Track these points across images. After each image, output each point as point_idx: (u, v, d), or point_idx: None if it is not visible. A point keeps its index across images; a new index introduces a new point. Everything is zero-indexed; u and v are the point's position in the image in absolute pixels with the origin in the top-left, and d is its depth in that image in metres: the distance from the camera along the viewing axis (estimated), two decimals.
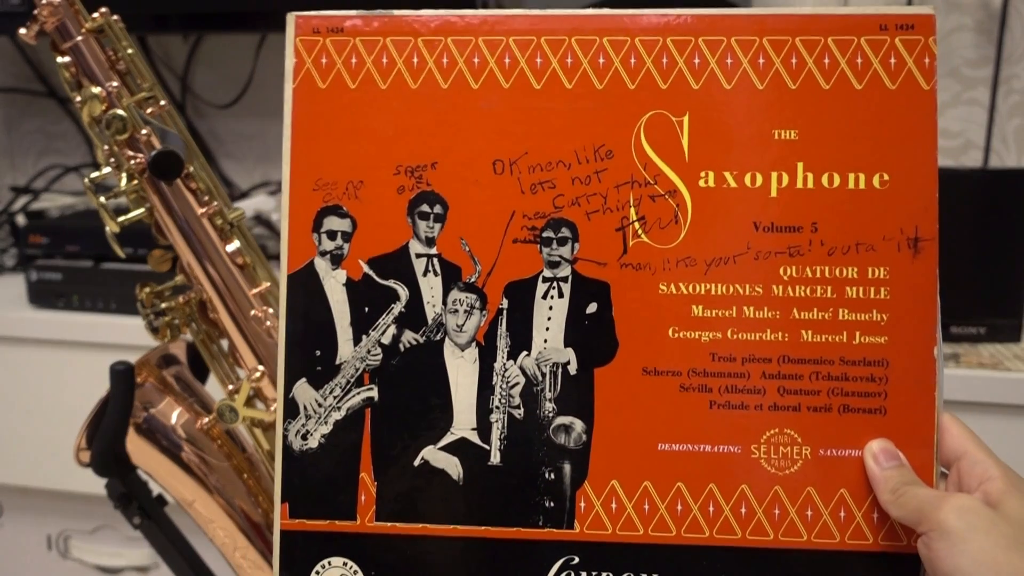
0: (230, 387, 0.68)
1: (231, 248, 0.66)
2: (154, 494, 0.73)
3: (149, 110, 0.66)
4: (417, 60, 0.51)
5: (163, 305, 0.70)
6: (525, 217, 0.51)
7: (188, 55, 1.57)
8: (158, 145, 0.65)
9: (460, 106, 0.51)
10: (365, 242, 0.52)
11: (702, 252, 0.50)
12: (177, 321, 0.71)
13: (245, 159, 1.60)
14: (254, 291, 0.66)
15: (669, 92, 0.50)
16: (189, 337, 0.72)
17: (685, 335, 0.50)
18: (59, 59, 0.66)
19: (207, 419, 0.70)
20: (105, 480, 0.72)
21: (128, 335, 1.16)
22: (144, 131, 0.65)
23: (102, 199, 0.65)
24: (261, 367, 0.66)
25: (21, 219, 1.44)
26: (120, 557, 1.32)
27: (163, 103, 0.67)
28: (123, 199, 0.66)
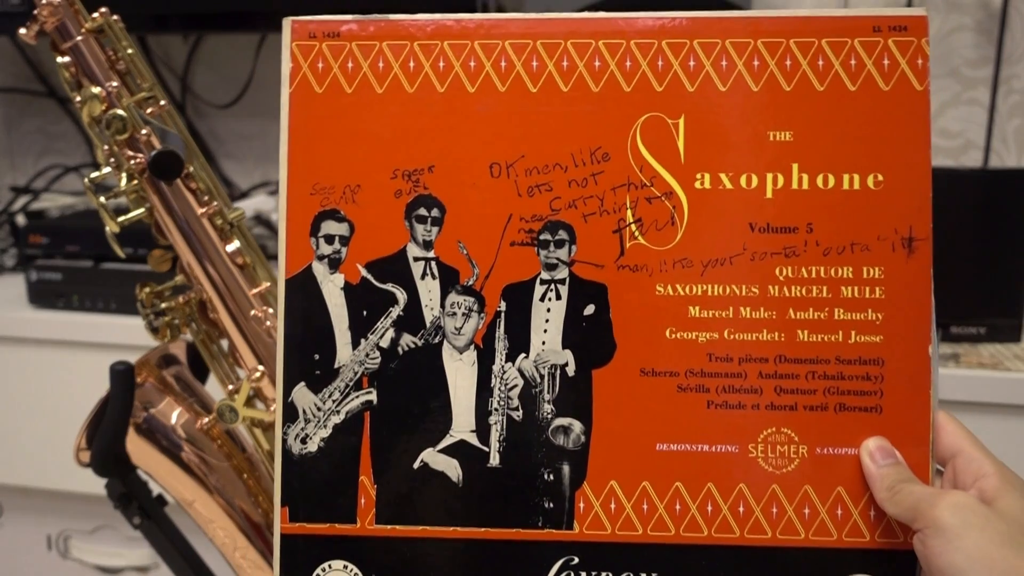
0: (230, 387, 0.68)
1: (231, 248, 0.66)
2: (154, 494, 0.73)
3: (149, 110, 0.66)
4: (413, 64, 0.51)
5: (163, 305, 0.70)
6: (522, 220, 0.51)
7: (188, 55, 1.57)
8: (158, 145, 0.65)
9: (457, 110, 0.51)
10: (363, 246, 0.52)
11: (698, 253, 0.50)
12: (177, 321, 0.71)
13: (245, 159, 1.60)
14: (254, 291, 0.66)
15: (664, 95, 0.50)
16: (189, 337, 0.72)
17: (682, 336, 0.51)
18: (59, 59, 0.66)
19: (207, 419, 0.70)
20: (105, 480, 0.72)
21: (128, 335, 1.16)
22: (144, 131, 0.65)
23: (102, 199, 0.65)
24: (261, 367, 0.66)
25: (21, 219, 1.44)
26: (120, 557, 1.32)
27: (163, 103, 0.67)
28: (123, 199, 0.66)
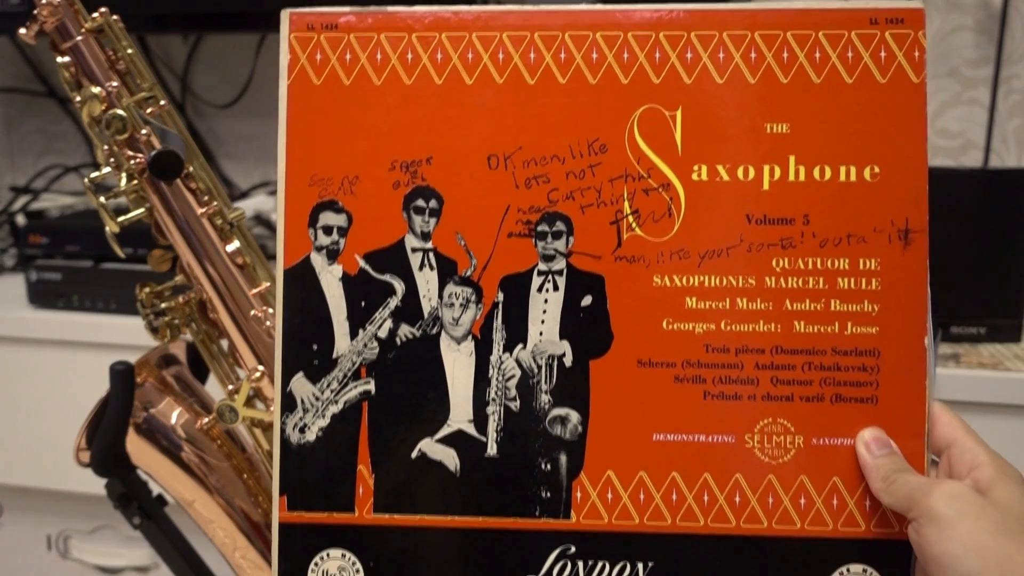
0: (230, 387, 0.67)
1: (231, 248, 0.66)
2: (154, 494, 0.73)
3: (149, 110, 0.66)
4: (411, 56, 0.51)
5: (163, 305, 0.70)
6: (520, 211, 0.51)
7: (188, 55, 1.57)
8: (158, 145, 0.65)
9: (454, 101, 0.51)
10: (361, 237, 0.52)
11: (695, 245, 0.51)
12: (177, 321, 0.71)
13: (245, 159, 1.60)
14: (254, 291, 0.66)
15: (662, 87, 0.51)
16: (189, 337, 0.72)
17: (679, 327, 0.51)
18: (59, 59, 0.65)
19: (207, 419, 0.70)
20: (105, 480, 0.71)
21: (128, 335, 1.16)
22: (144, 131, 0.64)
23: (102, 199, 0.65)
24: (261, 367, 0.66)
25: (21, 219, 1.44)
26: (120, 557, 1.32)
27: (163, 103, 0.67)
28: (123, 199, 0.66)
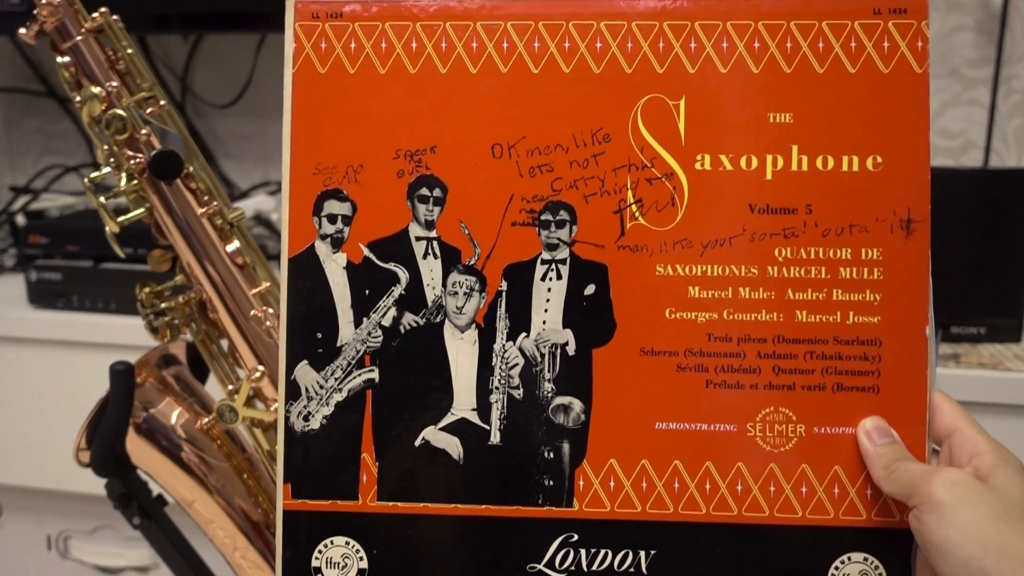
0: (230, 387, 0.68)
1: (231, 248, 0.66)
2: (154, 494, 0.73)
3: (149, 110, 0.66)
4: (416, 45, 0.52)
5: (163, 305, 0.70)
6: (524, 200, 0.51)
7: (188, 55, 1.57)
8: (158, 145, 0.65)
9: (459, 90, 0.51)
10: (365, 225, 0.52)
11: (698, 234, 0.51)
12: (177, 321, 0.71)
13: (245, 159, 1.60)
14: (254, 291, 0.66)
15: (666, 76, 0.51)
16: (189, 337, 0.72)
17: (682, 316, 0.51)
18: (59, 59, 0.66)
19: (207, 419, 0.70)
20: (105, 480, 0.71)
21: (128, 335, 1.16)
22: (144, 131, 0.65)
23: (102, 199, 0.65)
24: (261, 367, 0.66)
25: (21, 219, 1.44)
26: (120, 557, 1.32)
27: (163, 103, 0.67)
28: (123, 199, 0.66)
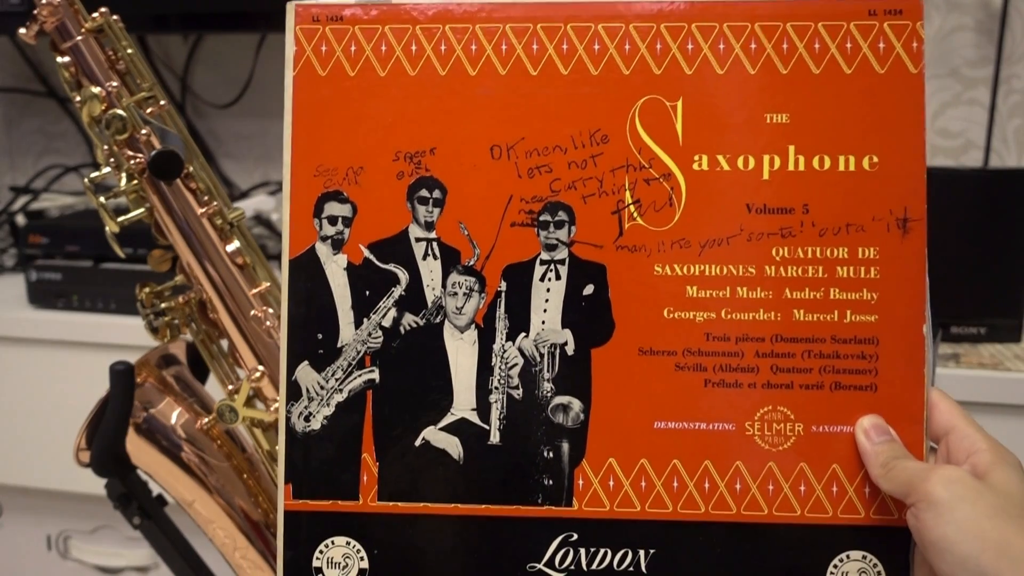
0: (230, 387, 0.68)
1: (231, 248, 0.66)
2: (154, 494, 0.73)
3: (149, 110, 0.66)
4: (415, 47, 0.52)
5: (163, 305, 0.71)
6: (523, 201, 0.52)
7: (188, 55, 1.57)
8: (158, 145, 0.65)
9: (458, 92, 0.52)
10: (365, 227, 0.52)
11: (696, 234, 0.51)
12: (177, 321, 0.71)
13: (245, 159, 1.60)
14: (254, 291, 0.66)
15: (663, 77, 0.51)
16: (189, 337, 0.72)
17: (680, 315, 0.51)
18: (59, 59, 0.66)
19: (207, 419, 0.70)
20: (105, 480, 0.72)
21: (128, 335, 1.16)
22: (144, 131, 0.65)
23: (102, 199, 0.65)
24: (261, 367, 0.66)
25: (21, 219, 1.44)
26: (120, 557, 1.32)
27: (163, 103, 0.68)
28: (123, 199, 0.66)
